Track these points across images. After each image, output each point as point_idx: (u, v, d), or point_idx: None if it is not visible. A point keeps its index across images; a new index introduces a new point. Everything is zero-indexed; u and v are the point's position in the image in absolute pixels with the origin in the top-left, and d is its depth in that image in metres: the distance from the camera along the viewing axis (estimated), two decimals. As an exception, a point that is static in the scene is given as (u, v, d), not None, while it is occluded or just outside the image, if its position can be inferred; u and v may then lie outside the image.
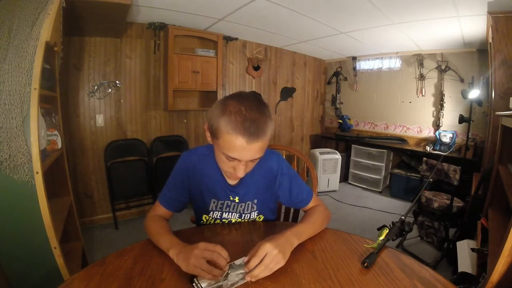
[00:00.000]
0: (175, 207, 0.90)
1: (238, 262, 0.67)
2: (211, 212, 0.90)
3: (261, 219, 0.95)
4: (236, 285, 0.61)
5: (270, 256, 0.62)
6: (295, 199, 0.92)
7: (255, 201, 0.91)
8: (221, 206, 0.90)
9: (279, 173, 0.90)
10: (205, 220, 0.92)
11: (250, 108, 0.66)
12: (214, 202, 0.89)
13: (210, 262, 0.62)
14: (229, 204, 0.90)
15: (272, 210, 0.99)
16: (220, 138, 0.68)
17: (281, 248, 0.65)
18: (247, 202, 0.90)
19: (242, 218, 0.92)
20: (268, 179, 0.91)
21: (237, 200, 0.90)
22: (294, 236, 0.72)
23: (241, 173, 0.72)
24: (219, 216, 0.91)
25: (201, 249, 0.63)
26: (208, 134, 0.75)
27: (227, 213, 0.91)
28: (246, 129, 0.64)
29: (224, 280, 0.61)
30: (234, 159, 0.69)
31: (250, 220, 0.93)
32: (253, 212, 0.92)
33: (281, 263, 0.64)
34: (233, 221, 0.92)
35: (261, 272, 0.61)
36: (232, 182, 0.88)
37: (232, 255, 0.69)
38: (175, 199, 0.90)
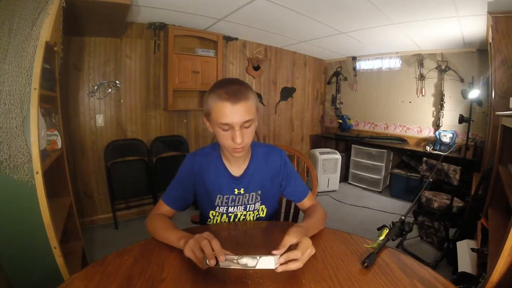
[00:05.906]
0: (180, 206, 0.92)
1: (266, 259, 0.60)
2: (217, 207, 0.92)
3: (264, 212, 0.97)
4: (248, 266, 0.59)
5: (309, 250, 0.64)
6: (294, 187, 0.98)
7: (259, 192, 0.94)
8: (226, 200, 0.92)
9: (283, 163, 0.97)
10: (212, 217, 0.94)
11: (231, 83, 0.77)
12: (219, 198, 0.91)
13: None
14: (234, 198, 0.92)
15: (275, 202, 1.02)
16: (212, 113, 0.77)
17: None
18: (251, 193, 0.93)
19: (247, 210, 0.94)
20: (273, 169, 0.96)
21: (242, 192, 0.92)
22: (305, 231, 0.73)
23: (238, 139, 0.76)
24: (225, 210, 0.93)
25: (202, 236, 0.64)
26: (207, 124, 0.83)
27: (232, 207, 0.93)
28: (228, 94, 0.74)
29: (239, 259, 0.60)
30: (227, 124, 0.75)
31: (254, 211, 0.95)
32: (257, 203, 0.95)
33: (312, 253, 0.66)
34: (239, 214, 0.94)
35: (295, 264, 0.61)
36: (236, 173, 0.92)
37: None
38: (180, 197, 0.92)
